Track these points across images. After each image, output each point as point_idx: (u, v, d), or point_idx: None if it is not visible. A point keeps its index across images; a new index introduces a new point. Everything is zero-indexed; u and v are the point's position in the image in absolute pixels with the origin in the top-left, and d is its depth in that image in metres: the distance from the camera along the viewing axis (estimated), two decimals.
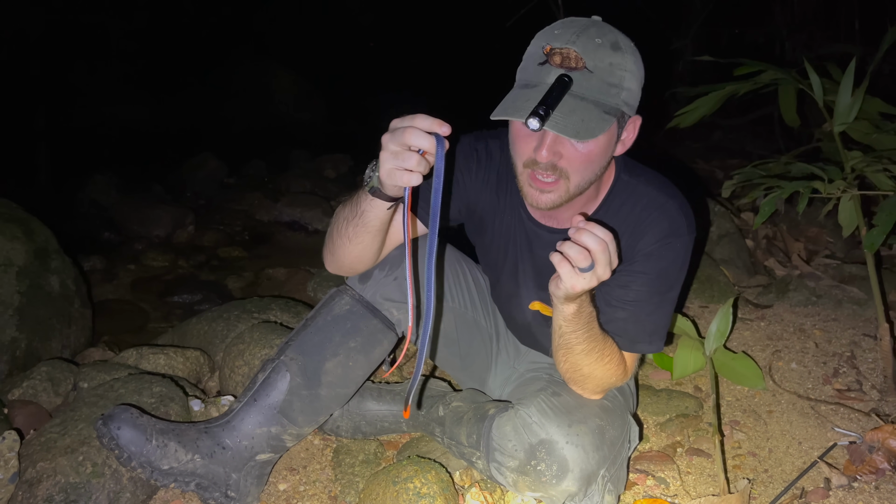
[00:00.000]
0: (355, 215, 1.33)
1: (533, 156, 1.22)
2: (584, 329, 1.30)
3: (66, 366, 2.00)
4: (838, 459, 1.70)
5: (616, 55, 1.18)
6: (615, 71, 1.18)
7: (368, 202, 1.28)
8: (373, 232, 1.35)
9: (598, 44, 1.17)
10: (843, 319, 2.34)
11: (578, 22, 1.22)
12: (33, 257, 2.34)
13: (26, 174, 4.88)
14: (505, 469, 1.40)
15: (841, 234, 2.20)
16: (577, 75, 1.16)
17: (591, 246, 1.12)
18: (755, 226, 2.18)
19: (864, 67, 2.29)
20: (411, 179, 1.10)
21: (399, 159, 1.10)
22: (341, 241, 1.39)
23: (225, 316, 2.24)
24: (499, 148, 1.48)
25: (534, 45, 1.23)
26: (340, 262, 1.46)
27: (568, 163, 1.22)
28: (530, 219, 1.46)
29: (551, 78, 1.16)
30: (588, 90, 1.17)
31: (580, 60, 1.16)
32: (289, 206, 4.40)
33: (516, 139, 1.26)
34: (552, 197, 1.26)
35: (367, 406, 1.73)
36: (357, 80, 9.45)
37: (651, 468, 1.68)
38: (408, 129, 1.09)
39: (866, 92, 2.08)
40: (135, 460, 1.38)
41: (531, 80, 1.20)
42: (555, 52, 1.18)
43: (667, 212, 1.36)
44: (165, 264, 3.61)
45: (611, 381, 1.43)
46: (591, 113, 1.16)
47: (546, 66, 1.18)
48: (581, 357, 1.35)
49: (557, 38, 1.19)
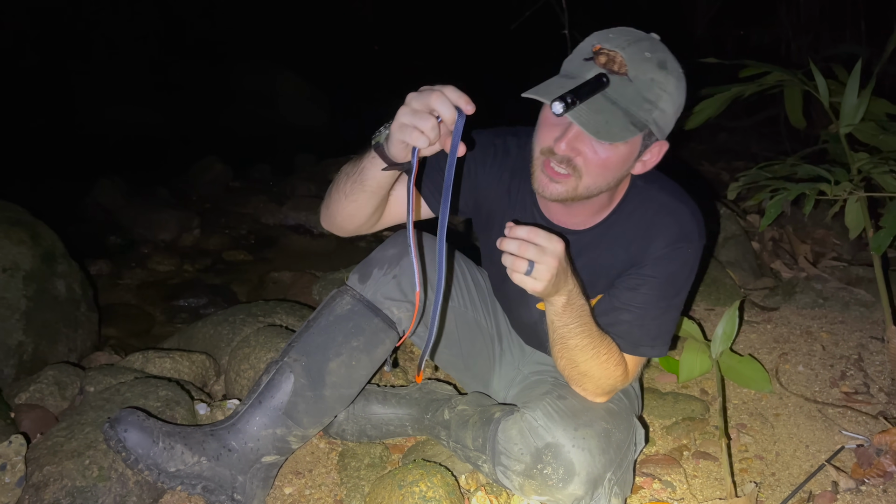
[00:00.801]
0: (355, 172, 1.33)
1: (552, 145, 1.23)
2: (576, 322, 1.31)
3: (73, 370, 2.00)
4: (846, 463, 1.69)
5: (660, 73, 1.19)
6: (654, 88, 1.19)
7: (370, 159, 1.27)
8: (368, 192, 1.33)
9: (646, 57, 1.19)
10: (851, 322, 2.33)
11: (635, 32, 1.23)
12: (40, 261, 2.35)
13: (32, 178, 4.89)
14: (511, 473, 1.40)
15: (847, 235, 2.20)
16: (616, 79, 1.17)
17: (512, 250, 1.15)
18: (761, 228, 2.17)
19: (870, 69, 2.28)
20: (419, 140, 1.10)
21: (416, 117, 1.10)
22: (338, 195, 1.39)
23: (230, 319, 2.24)
24: (516, 145, 1.48)
25: (586, 42, 1.25)
26: (333, 216, 1.44)
27: (584, 162, 1.23)
28: (543, 217, 1.47)
29: (590, 74, 1.18)
30: (622, 97, 1.18)
31: (623, 66, 1.18)
32: (294, 210, 4.41)
33: (541, 124, 1.28)
34: (559, 188, 1.26)
35: (373, 409, 1.73)
36: (362, 83, 9.47)
37: (657, 471, 1.67)
38: (435, 92, 1.09)
39: (872, 93, 2.08)
40: (142, 463, 1.38)
41: (572, 71, 1.21)
42: (602, 52, 1.19)
43: (678, 217, 1.38)
44: (171, 268, 3.62)
45: (610, 382, 1.42)
46: (618, 119, 1.17)
47: (590, 62, 1.20)
48: (577, 353, 1.35)
49: (610, 40, 1.21)
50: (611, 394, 1.47)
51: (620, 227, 1.41)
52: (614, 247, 1.43)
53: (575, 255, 1.46)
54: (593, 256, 1.45)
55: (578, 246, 1.44)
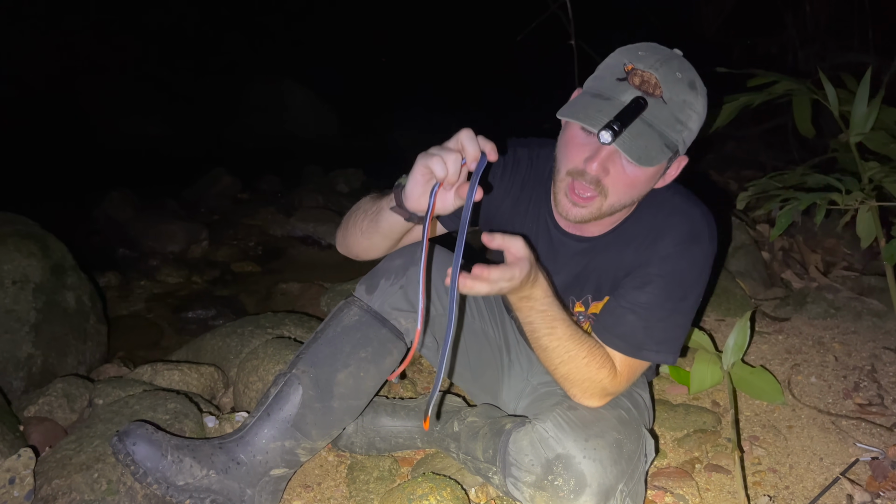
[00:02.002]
0: (373, 211, 1.40)
1: (582, 166, 1.25)
2: (539, 321, 1.31)
3: (82, 382, 2.01)
4: (861, 475, 1.67)
5: (691, 94, 1.23)
6: (686, 109, 1.22)
7: (388, 200, 1.33)
8: (382, 233, 1.41)
9: (677, 77, 1.21)
10: (863, 332, 2.31)
11: (662, 50, 1.25)
12: (49, 274, 2.36)
13: (42, 190, 4.93)
14: (521, 484, 1.38)
15: (859, 245, 2.18)
16: (651, 101, 1.19)
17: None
18: (772, 237, 2.16)
19: (880, 77, 2.28)
20: (439, 168, 1.14)
21: (443, 150, 1.16)
22: (354, 230, 1.47)
23: (239, 331, 2.24)
24: (527, 157, 1.50)
25: (614, 59, 1.26)
26: (349, 247, 1.53)
27: (612, 182, 1.25)
28: (557, 228, 1.47)
29: (627, 96, 1.19)
30: (657, 119, 1.20)
31: (658, 88, 1.20)
32: (302, 221, 4.42)
33: (569, 145, 1.28)
34: (584, 212, 1.29)
35: (382, 422, 1.72)
36: (369, 95, 9.52)
37: (669, 484, 1.65)
38: (464, 131, 1.16)
39: (882, 102, 2.07)
40: (150, 476, 1.38)
41: (605, 91, 1.22)
42: (636, 73, 1.21)
43: (689, 217, 1.38)
44: (180, 280, 3.63)
45: (597, 385, 1.39)
46: (655, 142, 1.19)
47: (624, 83, 1.21)
48: (550, 355, 1.36)
49: (641, 59, 1.22)
50: (606, 397, 1.43)
51: (631, 230, 1.42)
52: (623, 248, 1.43)
53: (584, 258, 1.46)
54: (602, 259, 1.46)
55: (589, 250, 1.45)
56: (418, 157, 1.19)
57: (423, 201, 1.22)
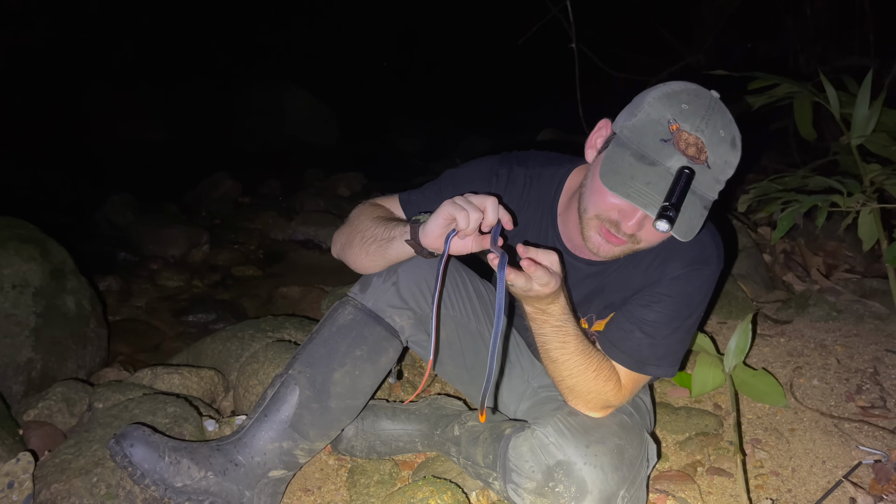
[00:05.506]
0: (384, 239, 1.42)
1: (615, 218, 1.26)
2: (552, 334, 1.32)
3: (82, 386, 2.00)
4: (863, 479, 1.66)
5: (732, 153, 1.22)
6: (726, 169, 1.22)
7: (401, 232, 1.37)
8: (387, 259, 1.45)
9: (721, 137, 1.20)
10: (865, 335, 2.30)
11: (703, 100, 1.23)
12: (49, 278, 2.36)
13: (43, 195, 4.93)
14: (522, 490, 1.38)
15: (861, 247, 2.18)
16: (697, 168, 1.18)
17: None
18: (774, 240, 2.16)
19: (880, 80, 2.27)
20: (462, 219, 1.21)
21: (468, 204, 1.23)
22: (358, 249, 1.48)
23: (239, 335, 2.24)
24: (524, 175, 1.51)
25: (656, 112, 1.22)
26: (347, 259, 1.55)
27: (644, 237, 1.27)
28: (565, 249, 1.48)
29: (673, 162, 1.18)
30: (700, 184, 1.19)
31: (703, 153, 1.19)
32: (303, 225, 4.42)
33: (604, 198, 1.26)
34: (615, 251, 1.31)
35: (382, 425, 1.71)
36: (370, 99, 9.53)
37: (671, 488, 1.65)
38: (491, 200, 1.23)
39: (883, 104, 2.06)
40: (148, 478, 1.38)
41: (651, 155, 1.20)
42: (681, 135, 1.19)
43: (698, 239, 1.37)
44: (180, 284, 3.62)
45: (601, 398, 1.41)
46: (697, 210, 1.20)
47: (669, 145, 1.19)
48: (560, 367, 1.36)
49: (685, 116, 1.20)
50: (608, 409, 1.44)
51: (642, 252, 1.41)
52: (633, 270, 1.45)
53: (594, 281, 1.48)
54: (611, 279, 1.47)
55: (600, 273, 1.46)
56: (445, 203, 1.25)
57: (438, 241, 1.29)
